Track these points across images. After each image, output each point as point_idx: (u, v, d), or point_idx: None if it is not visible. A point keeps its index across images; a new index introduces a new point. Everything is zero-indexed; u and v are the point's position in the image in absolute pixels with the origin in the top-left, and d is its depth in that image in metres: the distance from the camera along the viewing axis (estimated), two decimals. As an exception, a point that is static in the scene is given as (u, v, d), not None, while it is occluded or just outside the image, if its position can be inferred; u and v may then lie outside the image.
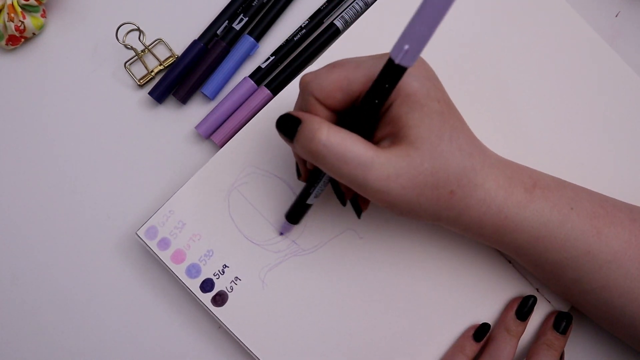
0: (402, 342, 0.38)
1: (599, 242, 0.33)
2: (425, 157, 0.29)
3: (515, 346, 0.37)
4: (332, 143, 0.28)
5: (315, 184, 0.33)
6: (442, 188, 0.30)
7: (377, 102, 0.29)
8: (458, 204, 0.31)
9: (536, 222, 0.32)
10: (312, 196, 0.34)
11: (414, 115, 0.29)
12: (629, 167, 0.40)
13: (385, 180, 0.29)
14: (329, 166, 0.29)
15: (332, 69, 0.30)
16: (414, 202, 0.30)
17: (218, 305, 0.38)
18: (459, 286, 0.39)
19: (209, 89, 0.41)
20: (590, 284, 0.34)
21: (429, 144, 0.29)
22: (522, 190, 0.32)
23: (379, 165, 0.29)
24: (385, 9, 0.40)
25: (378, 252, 0.39)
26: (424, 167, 0.29)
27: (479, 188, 0.31)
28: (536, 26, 0.41)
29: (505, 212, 0.32)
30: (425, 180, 0.29)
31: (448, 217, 0.32)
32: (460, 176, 0.30)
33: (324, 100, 0.30)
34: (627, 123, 0.40)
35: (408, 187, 0.29)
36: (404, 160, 0.29)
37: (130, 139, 0.41)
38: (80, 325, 0.40)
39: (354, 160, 0.28)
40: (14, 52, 0.42)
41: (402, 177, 0.29)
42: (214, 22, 0.42)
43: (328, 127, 0.29)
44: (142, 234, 0.38)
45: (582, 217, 0.33)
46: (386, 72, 0.27)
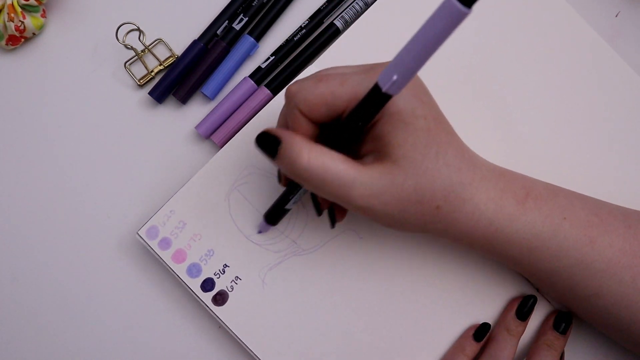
0: (402, 342, 0.39)
1: (593, 251, 0.33)
2: (408, 175, 0.29)
3: (515, 346, 0.37)
4: (312, 167, 0.29)
5: (295, 192, 0.34)
6: (426, 204, 0.30)
7: (360, 125, 0.29)
8: (445, 217, 0.31)
9: (528, 234, 0.32)
10: (290, 202, 0.35)
11: (397, 134, 0.29)
12: (629, 167, 0.40)
13: (368, 198, 0.29)
14: (312, 187, 0.30)
15: (318, 82, 0.30)
16: (398, 217, 0.30)
17: (218, 305, 0.38)
18: (459, 286, 0.39)
19: (209, 89, 0.41)
20: (584, 291, 0.34)
21: (412, 162, 0.29)
22: (513, 202, 0.32)
23: (361, 184, 0.29)
24: (385, 9, 0.40)
25: (378, 252, 0.39)
26: (406, 185, 0.29)
27: (468, 202, 0.31)
28: (536, 26, 0.41)
29: (495, 225, 0.32)
30: (408, 197, 0.29)
31: (435, 229, 0.32)
32: (446, 192, 0.30)
33: (308, 113, 0.30)
34: (627, 123, 0.40)
35: (390, 203, 0.29)
36: (386, 178, 0.29)
37: (130, 139, 0.41)
38: (81, 325, 0.40)
39: (336, 182, 0.29)
40: (14, 52, 0.42)
41: (384, 195, 0.29)
42: (214, 22, 0.42)
43: (309, 149, 0.29)
44: (143, 234, 0.38)
45: (575, 227, 0.33)
46: (371, 98, 0.27)
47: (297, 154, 0.29)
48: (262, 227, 0.38)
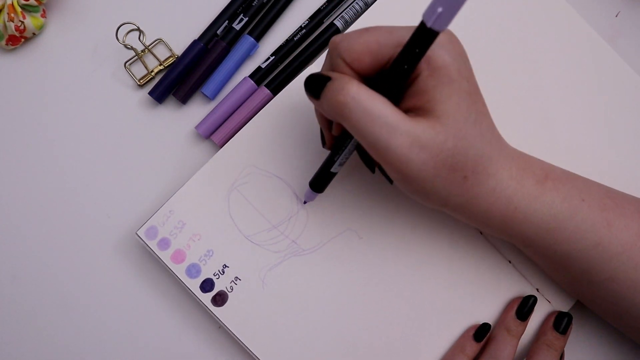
0: (402, 342, 0.38)
1: (609, 234, 0.33)
2: (449, 135, 0.28)
3: (515, 346, 0.37)
4: (361, 97, 0.28)
5: (340, 151, 0.33)
6: (458, 172, 0.29)
7: (406, 68, 0.28)
8: (468, 191, 0.31)
9: (546, 214, 0.32)
10: (336, 164, 0.34)
11: (442, 90, 0.28)
12: (629, 167, 0.40)
13: (409, 149, 0.28)
14: (355, 122, 0.28)
15: (364, 32, 0.29)
16: (429, 181, 0.29)
17: (218, 305, 0.38)
18: (459, 286, 0.39)
19: (209, 89, 0.41)
20: (598, 275, 0.33)
21: (454, 122, 0.28)
22: (533, 182, 0.32)
23: (405, 131, 0.28)
24: (385, 9, 0.40)
25: (378, 252, 0.39)
26: (446, 146, 0.28)
27: (492, 177, 0.31)
28: (536, 26, 0.41)
29: (515, 204, 0.32)
30: (445, 160, 0.29)
31: (455, 204, 0.31)
32: (476, 163, 0.30)
33: (352, 63, 0.29)
34: (628, 123, 0.40)
35: (428, 163, 0.28)
36: (429, 133, 0.28)
37: (131, 139, 0.41)
38: (80, 325, 0.40)
39: (381, 119, 0.28)
40: (14, 52, 0.42)
41: (424, 151, 0.28)
42: (214, 22, 0.42)
43: (358, 83, 0.28)
44: (142, 234, 0.38)
45: (593, 209, 0.33)
46: (417, 36, 0.26)
47: (346, 82, 0.28)
48: (308, 195, 0.38)
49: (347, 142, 0.32)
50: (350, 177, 0.39)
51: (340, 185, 0.39)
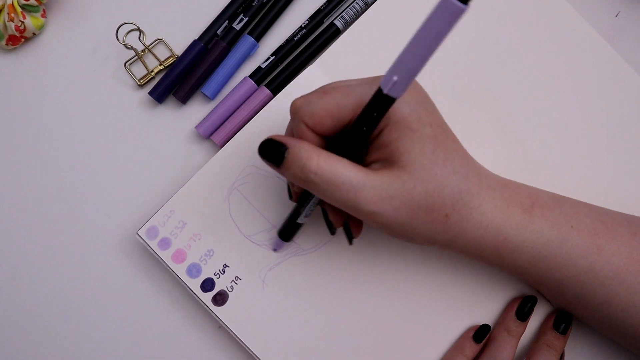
0: (401, 342, 0.39)
1: (601, 259, 0.33)
2: (418, 180, 0.29)
3: (515, 347, 0.37)
4: (323, 170, 0.28)
5: (305, 204, 0.34)
6: (436, 211, 0.30)
7: (365, 130, 0.29)
8: (453, 227, 0.31)
9: (536, 243, 0.32)
10: (302, 216, 0.35)
11: (404, 141, 0.29)
12: (630, 167, 0.40)
13: (379, 202, 0.29)
14: (321, 192, 0.29)
15: (323, 95, 0.30)
16: (408, 225, 0.30)
17: (218, 305, 0.38)
18: (459, 286, 0.39)
19: (209, 89, 0.41)
20: (592, 300, 0.34)
21: (421, 167, 0.29)
22: (520, 211, 0.32)
23: (371, 187, 0.29)
24: (385, 9, 0.40)
25: (378, 252, 0.39)
26: (417, 191, 0.29)
27: (475, 211, 0.31)
28: (536, 26, 0.41)
29: (504, 234, 0.32)
30: (419, 203, 0.29)
31: (443, 240, 0.32)
32: (455, 199, 0.30)
33: (314, 126, 0.30)
34: (628, 123, 0.40)
35: (401, 209, 0.29)
36: (396, 182, 0.29)
37: (130, 139, 0.41)
38: (81, 325, 0.40)
39: (346, 185, 0.28)
40: (14, 52, 0.42)
41: (395, 199, 0.29)
42: (214, 22, 0.42)
43: (317, 153, 0.29)
44: (143, 234, 0.38)
45: (583, 235, 0.33)
46: (375, 101, 0.27)
47: (306, 158, 0.29)
48: (277, 244, 0.39)
49: (311, 197, 0.33)
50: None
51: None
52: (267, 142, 0.30)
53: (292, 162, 0.29)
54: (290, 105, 0.31)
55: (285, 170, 0.30)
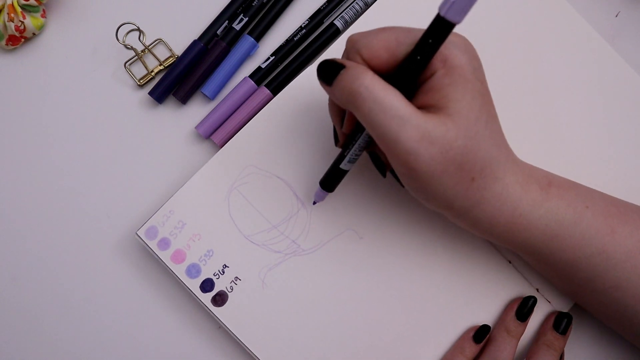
0: (402, 342, 0.38)
1: (614, 241, 0.33)
2: (460, 133, 0.28)
3: (515, 347, 0.37)
4: (374, 87, 0.28)
5: (350, 146, 0.33)
6: (465, 172, 0.29)
7: (419, 59, 0.28)
8: (474, 194, 0.30)
9: (551, 220, 0.32)
10: (345, 160, 0.33)
11: (456, 89, 0.28)
12: (630, 167, 0.40)
13: (418, 142, 0.28)
14: (366, 111, 0.28)
15: (382, 30, 0.30)
16: (436, 178, 0.29)
17: (218, 305, 0.38)
18: (459, 287, 0.39)
19: (209, 89, 0.41)
20: (603, 283, 0.33)
21: (466, 121, 0.28)
22: (537, 188, 0.32)
23: (415, 124, 0.28)
24: (385, 9, 0.40)
25: (378, 252, 0.39)
26: (457, 144, 0.28)
27: (499, 181, 0.31)
28: (536, 26, 0.41)
29: (520, 210, 0.32)
30: (454, 157, 0.29)
31: (460, 207, 0.31)
32: (484, 165, 0.30)
33: (369, 59, 0.29)
34: (628, 123, 0.40)
35: (437, 159, 0.28)
36: (440, 129, 0.28)
37: (131, 139, 0.41)
38: (80, 325, 0.40)
39: (392, 111, 0.28)
40: (14, 52, 0.42)
41: (434, 146, 0.28)
42: (214, 22, 0.42)
43: (372, 73, 0.28)
44: (142, 234, 0.38)
45: (597, 216, 0.33)
46: (432, 27, 0.26)
47: (360, 72, 0.28)
48: (318, 196, 0.37)
49: (357, 137, 0.32)
50: (351, 177, 0.39)
51: (341, 186, 0.39)
52: (326, 61, 0.30)
53: (346, 77, 0.29)
54: (347, 39, 0.30)
55: (336, 87, 0.29)
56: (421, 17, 0.40)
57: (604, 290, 0.34)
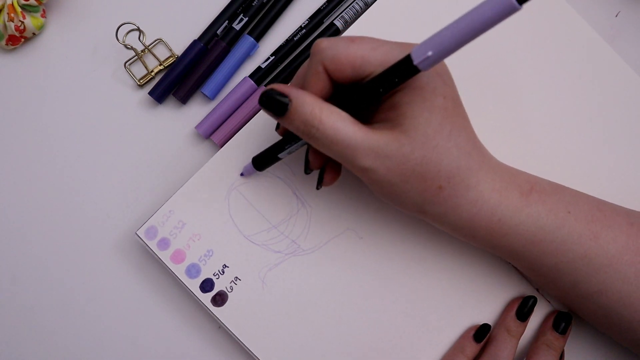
0: (402, 342, 0.38)
1: (596, 245, 0.33)
2: (416, 146, 0.29)
3: (515, 346, 0.37)
4: (324, 126, 0.29)
5: (293, 143, 0.33)
6: (429, 181, 0.30)
7: (380, 91, 0.28)
8: (446, 201, 0.31)
9: (532, 226, 0.32)
10: (285, 152, 0.34)
11: (413, 107, 0.29)
12: (629, 167, 0.40)
13: (372, 160, 0.29)
14: (320, 145, 0.30)
15: (350, 43, 0.30)
16: (399, 188, 0.30)
17: (218, 305, 0.38)
18: (459, 286, 0.39)
19: (209, 89, 0.41)
20: (587, 288, 0.33)
21: (423, 135, 0.29)
22: (517, 194, 0.32)
23: (368, 146, 0.29)
24: (385, 9, 0.40)
25: (378, 252, 0.39)
26: (413, 156, 0.29)
27: (472, 189, 0.31)
28: (536, 26, 0.41)
29: (498, 215, 0.32)
30: (413, 168, 0.29)
31: (434, 213, 0.32)
32: (452, 174, 0.30)
33: (332, 71, 0.30)
34: (627, 123, 0.40)
35: (394, 170, 0.29)
36: (394, 145, 0.29)
37: (130, 139, 0.41)
38: (80, 325, 0.40)
39: (345, 142, 0.29)
40: (14, 52, 0.42)
41: (389, 159, 0.29)
42: (214, 22, 0.42)
43: (320, 107, 0.29)
44: (142, 234, 0.38)
45: (580, 221, 0.33)
46: (400, 67, 0.27)
47: (309, 112, 0.29)
48: (247, 170, 0.38)
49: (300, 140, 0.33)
50: (351, 177, 0.39)
51: (340, 185, 0.39)
52: (268, 92, 0.30)
53: (294, 115, 0.29)
54: (314, 45, 0.31)
55: (287, 122, 0.30)
56: (420, 17, 0.40)
57: (589, 295, 0.34)
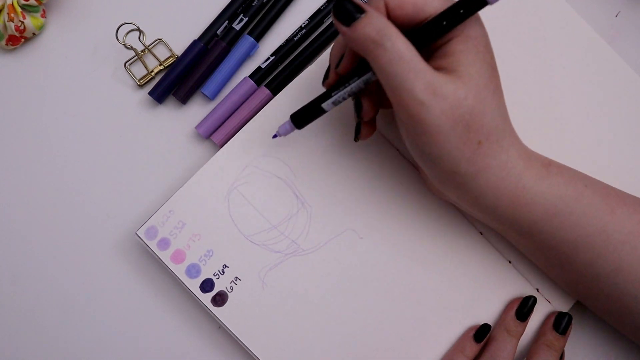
0: (402, 342, 0.38)
1: (613, 220, 0.33)
2: (469, 93, 0.29)
3: (515, 346, 0.37)
4: (397, 40, 0.28)
5: (342, 88, 0.32)
6: (473, 133, 0.30)
7: (445, 24, 0.29)
8: (481, 160, 0.31)
9: (552, 196, 0.32)
10: (330, 100, 0.32)
11: (467, 56, 0.29)
12: (629, 167, 0.40)
13: (431, 94, 0.29)
14: (385, 61, 0.28)
15: None
16: (444, 136, 0.29)
17: (218, 305, 0.38)
18: (459, 286, 0.39)
19: (209, 89, 0.41)
20: (604, 267, 0.33)
21: (475, 85, 0.29)
22: (539, 164, 0.33)
23: (430, 78, 0.29)
24: (385, 9, 0.40)
25: (378, 252, 0.39)
26: (466, 102, 0.29)
27: (504, 152, 0.31)
28: (535, 26, 0.41)
29: (523, 182, 0.32)
30: (463, 115, 0.29)
31: (465, 173, 0.31)
32: (491, 131, 0.30)
33: (393, 8, 0.30)
34: (627, 123, 0.40)
35: (447, 113, 0.29)
36: (451, 85, 0.29)
37: (130, 139, 0.41)
38: (80, 325, 0.40)
39: (411, 63, 0.28)
40: (14, 52, 0.42)
41: (444, 101, 0.29)
42: (214, 22, 0.42)
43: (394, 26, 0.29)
44: (142, 234, 0.38)
45: (596, 194, 0.33)
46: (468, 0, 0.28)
47: (384, 24, 0.28)
48: (283, 129, 0.35)
49: (351, 81, 0.32)
50: (351, 176, 0.39)
51: (340, 185, 0.39)
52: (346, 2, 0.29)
53: (367, 25, 0.29)
54: None
55: (354, 32, 0.29)
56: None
57: (605, 274, 0.33)
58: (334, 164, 0.39)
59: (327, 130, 0.39)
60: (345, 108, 0.39)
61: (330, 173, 0.39)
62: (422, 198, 0.39)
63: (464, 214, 0.39)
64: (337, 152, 0.39)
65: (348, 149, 0.39)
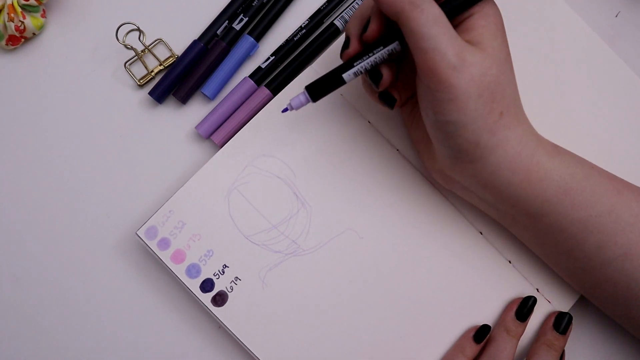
0: (402, 342, 0.38)
1: (621, 201, 0.33)
2: (494, 63, 0.30)
3: (515, 347, 0.37)
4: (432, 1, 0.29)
5: (365, 57, 0.31)
6: (496, 102, 0.31)
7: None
8: (501, 132, 0.31)
9: (564, 173, 0.33)
10: (352, 71, 0.32)
11: (490, 30, 0.31)
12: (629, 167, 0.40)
13: (462, 61, 0.29)
14: (422, 22, 0.29)
15: None
16: (470, 104, 0.30)
17: (218, 305, 0.38)
18: (459, 286, 0.39)
19: (209, 89, 0.41)
20: (612, 251, 0.33)
21: (498, 57, 0.31)
22: (549, 143, 0.34)
23: (460, 46, 0.30)
24: (385, 9, 0.40)
25: (378, 252, 0.39)
26: (491, 72, 0.30)
27: (521, 124, 0.32)
28: (535, 26, 0.41)
29: (537, 157, 0.33)
30: (488, 84, 0.30)
31: (485, 146, 0.31)
32: (511, 102, 0.32)
33: None
34: (627, 123, 0.40)
35: (475, 79, 0.30)
36: (479, 54, 0.30)
37: (130, 139, 0.41)
38: (80, 325, 0.40)
39: (446, 26, 0.29)
40: (14, 52, 0.42)
41: (474, 68, 0.30)
42: (214, 22, 0.42)
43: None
44: (142, 234, 0.38)
45: (603, 176, 0.34)
46: None
47: None
48: (297, 102, 0.33)
49: (376, 50, 0.31)
50: (351, 176, 0.39)
51: (340, 185, 0.39)
52: None
53: None
54: None
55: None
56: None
57: (614, 259, 0.33)
58: (334, 164, 0.39)
59: (327, 130, 0.39)
60: (345, 108, 0.39)
61: (330, 173, 0.39)
62: (423, 198, 0.39)
63: (464, 215, 0.39)
64: (337, 152, 0.39)
65: (348, 149, 0.40)
